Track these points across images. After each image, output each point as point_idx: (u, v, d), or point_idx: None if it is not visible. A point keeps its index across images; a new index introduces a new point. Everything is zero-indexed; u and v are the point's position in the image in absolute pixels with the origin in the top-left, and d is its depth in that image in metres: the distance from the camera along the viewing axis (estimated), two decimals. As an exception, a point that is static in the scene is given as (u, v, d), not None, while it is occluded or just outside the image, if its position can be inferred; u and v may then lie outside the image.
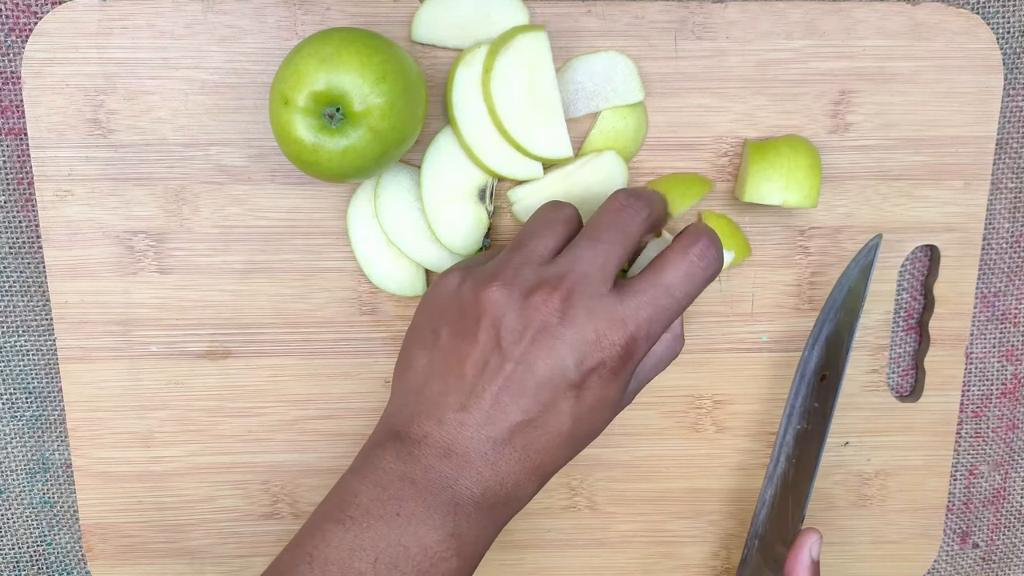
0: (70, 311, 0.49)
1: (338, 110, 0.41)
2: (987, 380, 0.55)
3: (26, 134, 0.48)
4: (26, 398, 0.52)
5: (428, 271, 0.50)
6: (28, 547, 0.54)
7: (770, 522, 0.51)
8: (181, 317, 0.50)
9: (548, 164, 0.48)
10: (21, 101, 0.48)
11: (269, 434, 0.51)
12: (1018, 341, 0.55)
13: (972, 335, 0.54)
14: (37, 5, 0.48)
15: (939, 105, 0.49)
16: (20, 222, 0.50)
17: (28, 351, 0.52)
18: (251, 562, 0.53)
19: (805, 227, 0.50)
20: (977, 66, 0.49)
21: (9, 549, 0.54)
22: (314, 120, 0.41)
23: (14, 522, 0.54)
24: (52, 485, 0.54)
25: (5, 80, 0.48)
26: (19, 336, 0.51)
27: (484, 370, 0.40)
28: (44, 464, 0.53)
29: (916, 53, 0.48)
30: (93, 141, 0.47)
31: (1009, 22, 0.50)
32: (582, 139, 0.48)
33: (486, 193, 0.48)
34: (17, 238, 0.50)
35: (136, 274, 0.49)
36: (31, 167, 0.48)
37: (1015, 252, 0.53)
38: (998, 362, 0.55)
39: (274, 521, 0.53)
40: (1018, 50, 0.51)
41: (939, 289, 0.52)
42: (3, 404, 0.52)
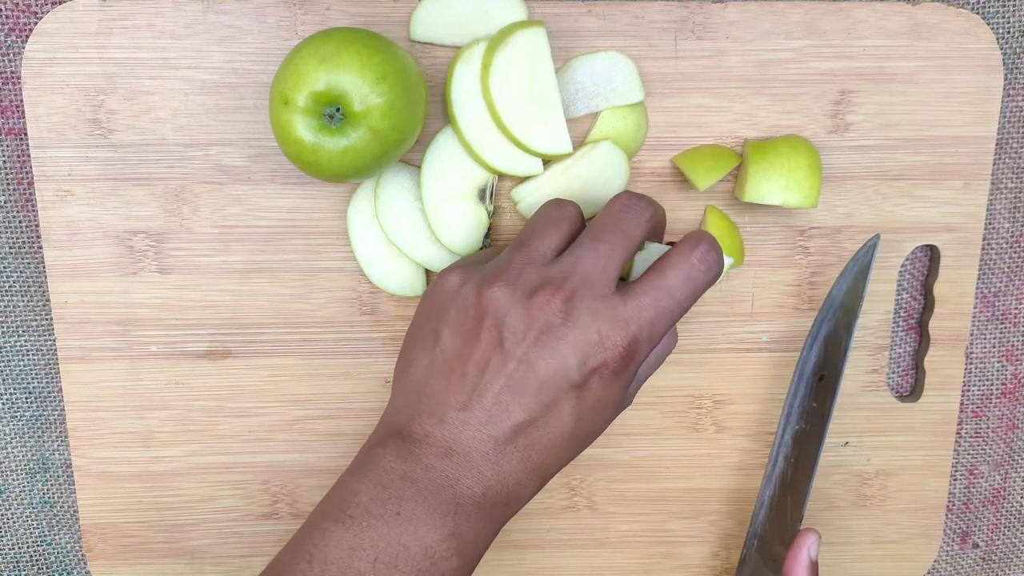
0: (70, 311, 0.49)
1: (338, 110, 0.41)
2: (987, 380, 0.55)
3: (26, 134, 0.48)
4: (26, 398, 0.52)
5: (428, 271, 0.50)
6: (28, 547, 0.54)
7: (769, 522, 0.51)
8: (181, 317, 0.50)
9: (547, 160, 0.48)
10: (21, 101, 0.48)
11: (269, 434, 0.51)
12: (1018, 341, 0.55)
13: (972, 335, 0.54)
14: (37, 5, 0.48)
15: (939, 105, 0.49)
16: (20, 222, 0.50)
17: (28, 351, 0.52)
18: (251, 562, 0.53)
19: (805, 227, 0.50)
20: (977, 66, 0.49)
21: (9, 549, 0.54)
22: (314, 120, 0.41)
23: (14, 522, 0.54)
24: (52, 485, 0.54)
25: (5, 80, 0.48)
26: (19, 336, 0.51)
27: (486, 370, 0.40)
28: (44, 464, 0.53)
29: (916, 53, 0.48)
30: (93, 141, 0.47)
31: (1009, 22, 0.50)
32: (582, 139, 0.48)
33: (486, 193, 0.48)
34: (17, 238, 0.50)
35: (136, 274, 0.49)
36: (31, 167, 0.48)
37: (1015, 252, 0.53)
38: (998, 362, 0.55)
39: (274, 521, 0.53)
40: (1018, 50, 0.51)
41: (939, 289, 0.52)
42: (3, 404, 0.52)
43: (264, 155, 0.48)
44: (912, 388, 0.55)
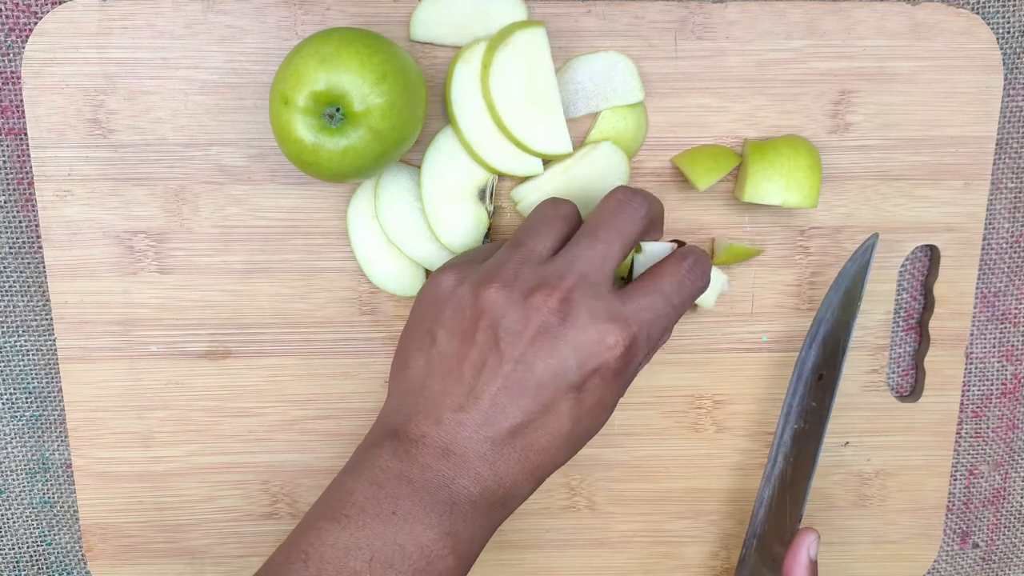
0: (70, 311, 0.49)
1: (338, 110, 0.41)
2: (987, 380, 0.55)
3: (26, 134, 0.48)
4: (26, 398, 0.52)
5: (428, 271, 0.50)
6: (28, 547, 0.54)
7: (768, 522, 0.51)
8: (181, 317, 0.50)
9: (548, 160, 0.48)
10: (21, 101, 0.48)
11: (269, 434, 0.51)
12: (1018, 341, 0.55)
13: (972, 335, 0.54)
14: (37, 5, 0.48)
15: (939, 105, 0.49)
16: (20, 222, 0.50)
17: (28, 351, 0.52)
18: (251, 562, 0.53)
19: (805, 227, 0.50)
20: (977, 66, 0.49)
21: (9, 549, 0.54)
22: (314, 120, 0.41)
23: (14, 522, 0.54)
24: (52, 485, 0.54)
25: (5, 80, 0.48)
26: (19, 336, 0.51)
27: (483, 371, 0.40)
28: (44, 464, 0.53)
29: (916, 53, 0.48)
30: (93, 141, 0.47)
31: (1009, 22, 0.50)
32: (582, 139, 0.48)
33: (486, 193, 0.48)
34: (17, 238, 0.50)
35: (136, 274, 0.49)
36: (31, 167, 0.48)
37: (1015, 252, 0.53)
38: (998, 362, 0.55)
39: (274, 521, 0.53)
40: (1018, 50, 0.51)
41: (939, 289, 0.52)
42: (3, 404, 0.52)
43: (264, 155, 0.48)
44: (912, 388, 0.55)
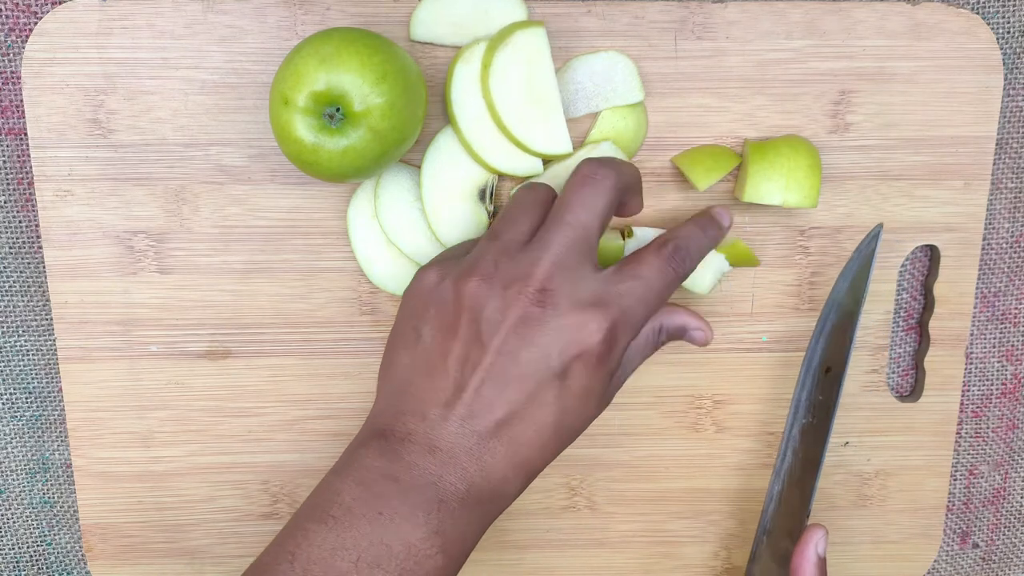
0: (70, 311, 0.49)
1: (338, 110, 0.41)
2: (987, 380, 0.55)
3: (26, 134, 0.48)
4: (26, 398, 0.52)
5: (428, 271, 0.50)
6: (28, 547, 0.54)
7: (778, 517, 0.51)
8: (181, 317, 0.50)
9: (548, 160, 0.48)
10: (21, 101, 0.48)
11: (269, 434, 0.51)
12: (1018, 341, 0.55)
13: (972, 335, 0.54)
14: (37, 5, 0.48)
15: (939, 105, 0.49)
16: (20, 222, 0.50)
17: (28, 351, 0.52)
18: (251, 562, 0.53)
19: (805, 227, 0.50)
20: (977, 66, 0.49)
21: (9, 549, 0.54)
22: (314, 120, 0.41)
23: (14, 522, 0.54)
24: (52, 485, 0.54)
25: (5, 80, 0.48)
26: (19, 336, 0.51)
27: (466, 364, 0.40)
28: (44, 464, 0.53)
29: (916, 53, 0.48)
30: (93, 141, 0.47)
31: (1009, 22, 0.50)
32: (582, 139, 0.48)
33: (486, 193, 0.48)
34: (17, 238, 0.50)
35: (136, 274, 0.49)
36: (31, 167, 0.48)
37: (1015, 252, 0.53)
38: (998, 362, 0.55)
39: (274, 521, 0.53)
40: (1018, 50, 0.51)
41: (939, 289, 0.52)
42: (3, 404, 0.52)
43: (264, 155, 0.48)
44: (912, 388, 0.55)
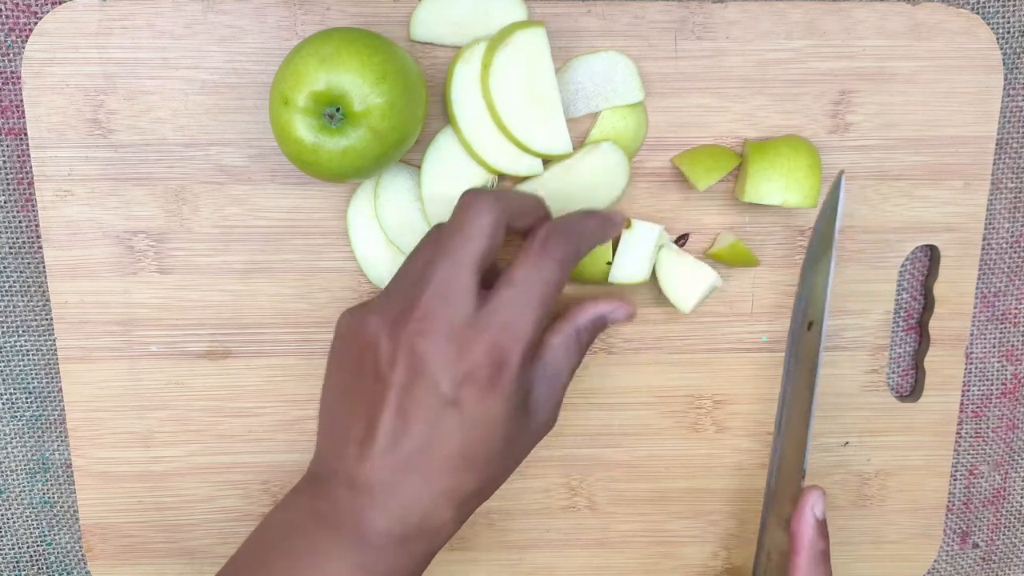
0: (70, 311, 0.49)
1: (338, 110, 0.41)
2: (987, 380, 0.55)
3: (26, 134, 0.48)
4: (26, 398, 0.52)
5: (428, 271, 0.50)
6: (28, 547, 0.54)
7: (779, 481, 0.50)
8: (181, 317, 0.50)
9: (548, 160, 0.48)
10: (21, 101, 0.48)
11: (269, 434, 0.51)
12: (1018, 341, 0.55)
13: (972, 335, 0.54)
14: (37, 5, 0.48)
15: (939, 105, 0.49)
16: (20, 222, 0.50)
17: (28, 351, 0.52)
18: (251, 562, 0.53)
19: (805, 227, 0.50)
20: (977, 66, 0.49)
21: (9, 549, 0.54)
22: (314, 120, 0.41)
23: (14, 522, 0.54)
24: (52, 485, 0.54)
25: (5, 80, 0.48)
26: (19, 336, 0.51)
27: (373, 401, 0.40)
28: (44, 464, 0.53)
29: (916, 53, 0.48)
30: (93, 141, 0.47)
31: (1009, 22, 0.50)
32: (582, 139, 0.48)
33: (486, 193, 0.48)
34: (17, 238, 0.50)
35: (136, 274, 0.49)
36: (31, 167, 0.48)
37: (1015, 252, 0.53)
38: (998, 362, 0.55)
39: (274, 521, 0.53)
40: (1018, 50, 0.51)
41: (939, 289, 0.52)
42: (3, 404, 0.52)
43: (264, 155, 0.48)
44: (912, 388, 0.55)
